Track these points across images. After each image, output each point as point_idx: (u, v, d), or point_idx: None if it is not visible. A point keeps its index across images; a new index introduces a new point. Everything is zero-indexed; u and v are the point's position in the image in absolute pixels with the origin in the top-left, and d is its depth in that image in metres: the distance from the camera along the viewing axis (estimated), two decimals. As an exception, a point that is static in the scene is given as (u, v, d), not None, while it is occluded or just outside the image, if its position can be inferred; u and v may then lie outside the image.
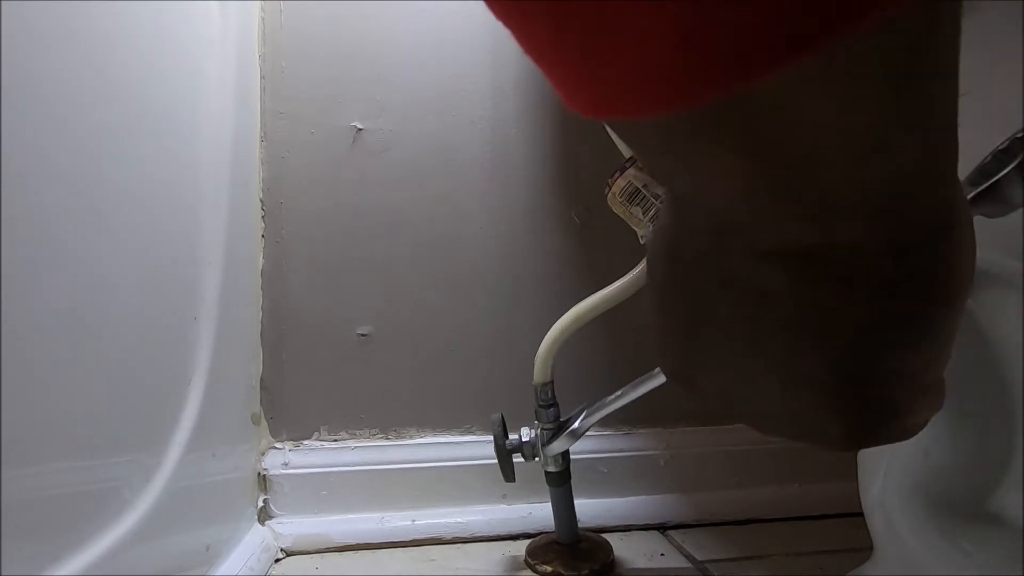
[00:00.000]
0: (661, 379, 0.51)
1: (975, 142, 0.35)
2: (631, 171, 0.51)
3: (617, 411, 0.54)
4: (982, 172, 0.31)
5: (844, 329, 0.16)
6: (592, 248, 0.74)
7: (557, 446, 0.56)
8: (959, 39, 0.13)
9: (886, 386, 0.17)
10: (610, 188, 0.52)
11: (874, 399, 0.17)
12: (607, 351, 0.73)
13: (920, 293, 0.16)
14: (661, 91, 0.12)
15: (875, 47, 0.11)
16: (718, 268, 0.17)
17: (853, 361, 0.17)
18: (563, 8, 0.12)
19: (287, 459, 0.68)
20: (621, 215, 0.53)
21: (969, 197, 0.30)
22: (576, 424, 0.55)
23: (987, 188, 0.30)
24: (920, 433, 0.45)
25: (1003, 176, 0.29)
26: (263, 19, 0.70)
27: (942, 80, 0.13)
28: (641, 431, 0.73)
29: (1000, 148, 0.31)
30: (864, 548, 0.47)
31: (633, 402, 0.53)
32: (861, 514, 0.47)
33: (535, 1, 0.12)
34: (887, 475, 0.44)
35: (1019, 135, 0.30)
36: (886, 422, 0.18)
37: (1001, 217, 0.31)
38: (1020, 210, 0.32)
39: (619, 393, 0.53)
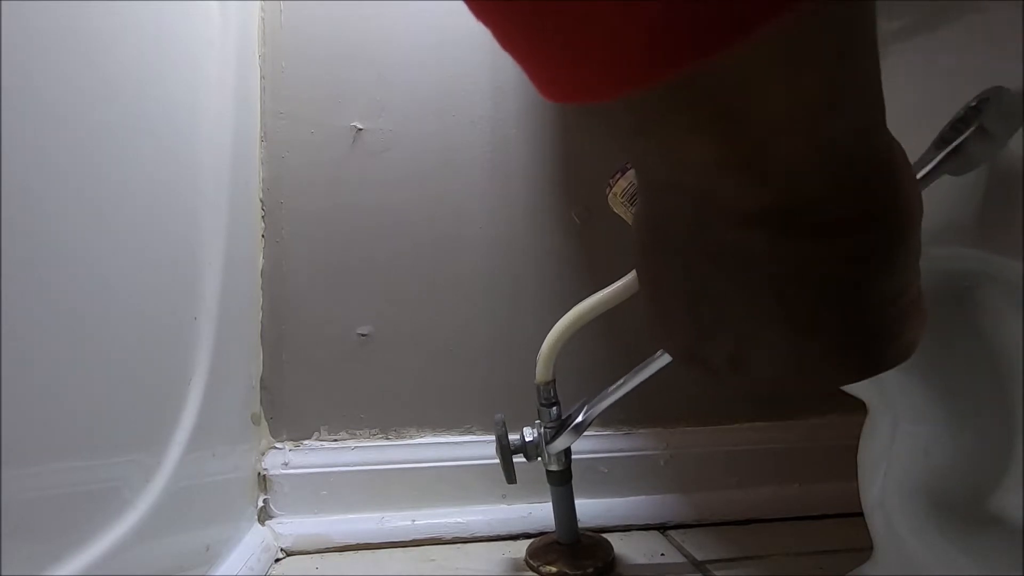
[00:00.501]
0: (659, 365, 0.52)
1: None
2: (632, 172, 0.51)
3: (617, 411, 0.54)
4: (943, 139, 0.35)
5: (826, 273, 0.18)
6: (592, 248, 0.74)
7: (561, 442, 0.56)
8: (875, 19, 0.15)
9: (875, 313, 0.19)
10: (611, 189, 0.52)
11: (868, 328, 0.19)
12: (607, 350, 0.73)
13: (881, 227, 0.18)
14: (631, 71, 0.13)
15: (816, 27, 0.13)
16: (703, 243, 0.19)
17: (841, 299, 0.19)
18: (537, 4, 0.13)
19: (287, 459, 0.68)
20: (622, 215, 0.53)
21: (937, 159, 0.34)
22: (580, 418, 0.55)
23: (952, 150, 0.34)
24: (920, 433, 0.45)
25: (964, 140, 0.33)
26: (263, 19, 0.70)
27: (869, 51, 0.15)
28: (641, 431, 0.73)
29: (957, 118, 0.35)
30: (864, 548, 0.47)
31: (633, 400, 0.53)
32: (861, 514, 0.47)
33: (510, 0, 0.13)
34: (887, 475, 0.44)
35: (972, 104, 0.34)
36: (884, 347, 0.20)
37: (963, 175, 0.35)
38: (1022, 206, 0.33)
39: (620, 383, 0.53)
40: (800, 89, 0.14)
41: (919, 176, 0.34)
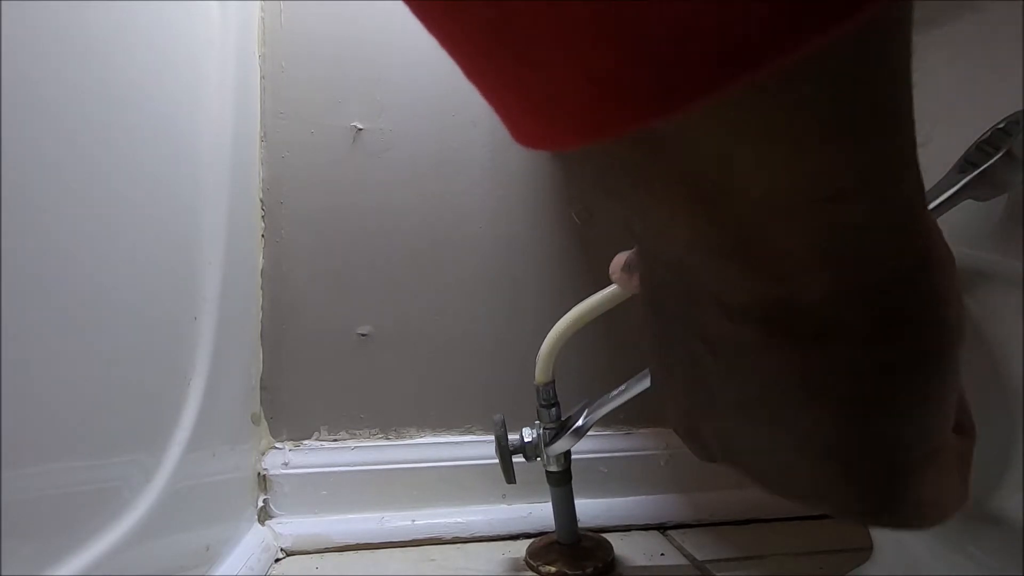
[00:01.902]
0: None
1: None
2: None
3: (617, 411, 0.54)
4: (968, 161, 0.33)
5: (825, 389, 0.15)
6: (592, 248, 0.74)
7: (560, 445, 0.56)
8: (908, 81, 0.11)
9: (879, 454, 0.15)
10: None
11: (869, 470, 0.15)
12: (607, 350, 0.73)
13: (901, 345, 0.14)
14: (580, 124, 0.11)
15: (800, 93, 0.10)
16: (696, 324, 0.16)
17: (839, 425, 0.15)
18: (496, 50, 0.12)
19: (287, 459, 0.68)
20: (621, 215, 0.53)
21: (961, 183, 0.32)
22: (580, 422, 0.55)
23: (978, 175, 0.32)
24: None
25: (993, 163, 0.31)
26: (263, 19, 0.70)
27: (895, 119, 0.12)
28: (641, 431, 0.73)
29: (983, 139, 0.33)
30: (864, 548, 0.47)
31: (633, 400, 0.53)
32: (861, 514, 0.47)
33: (469, 43, 0.13)
34: (887, 475, 0.44)
35: (1000, 125, 0.32)
36: (894, 497, 0.15)
37: (990, 200, 0.33)
38: (1022, 206, 0.33)
39: (622, 388, 0.53)
40: (789, 170, 0.11)
41: (940, 201, 0.32)
